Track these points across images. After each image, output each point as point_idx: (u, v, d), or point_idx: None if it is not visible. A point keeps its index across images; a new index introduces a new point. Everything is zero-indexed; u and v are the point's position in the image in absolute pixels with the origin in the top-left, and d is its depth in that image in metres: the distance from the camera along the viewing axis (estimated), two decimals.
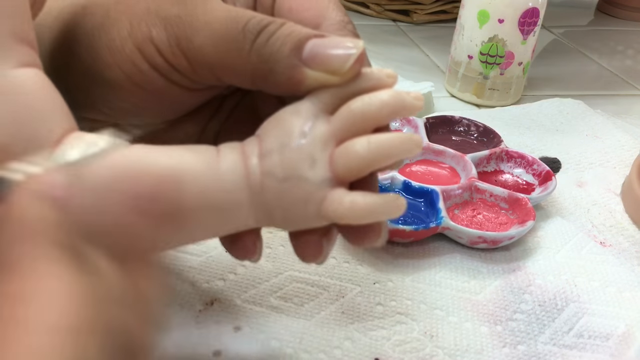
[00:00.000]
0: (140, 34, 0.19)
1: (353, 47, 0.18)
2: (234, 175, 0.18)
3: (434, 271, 0.31)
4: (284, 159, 0.18)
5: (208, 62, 0.19)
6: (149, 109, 0.21)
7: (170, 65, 0.19)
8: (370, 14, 0.66)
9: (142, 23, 0.19)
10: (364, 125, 0.18)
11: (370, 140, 0.18)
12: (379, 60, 0.55)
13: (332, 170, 0.18)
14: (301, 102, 0.19)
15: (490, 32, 0.46)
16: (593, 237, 0.34)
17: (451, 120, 0.41)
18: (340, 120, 0.18)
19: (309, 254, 0.19)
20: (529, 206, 0.33)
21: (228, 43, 0.18)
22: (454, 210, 0.34)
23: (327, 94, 0.18)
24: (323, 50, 0.18)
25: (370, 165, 0.18)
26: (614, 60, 0.62)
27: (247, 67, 0.19)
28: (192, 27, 0.19)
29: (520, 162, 0.38)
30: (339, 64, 0.18)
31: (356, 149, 0.18)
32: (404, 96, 0.18)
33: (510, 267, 0.31)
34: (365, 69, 0.19)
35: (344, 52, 0.18)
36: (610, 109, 0.50)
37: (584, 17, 0.75)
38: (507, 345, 0.27)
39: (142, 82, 0.20)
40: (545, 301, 0.29)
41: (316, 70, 0.18)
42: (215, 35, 0.19)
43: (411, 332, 0.27)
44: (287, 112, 0.19)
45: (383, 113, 0.18)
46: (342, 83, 0.18)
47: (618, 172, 0.40)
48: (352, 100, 0.18)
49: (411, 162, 0.38)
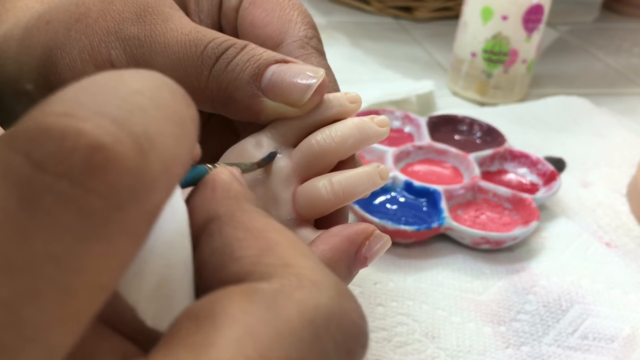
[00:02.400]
0: (100, 56, 0.19)
1: (313, 76, 0.18)
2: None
3: (436, 271, 0.30)
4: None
5: None
6: None
7: None
8: (371, 10, 0.66)
9: (102, 44, 0.19)
10: (327, 160, 0.18)
11: (332, 181, 0.17)
12: (379, 57, 0.55)
13: (295, 211, 0.17)
14: (263, 132, 0.18)
15: (494, 29, 0.46)
16: (598, 238, 0.34)
17: (454, 119, 0.41)
18: (302, 156, 0.18)
19: None
20: (533, 206, 0.33)
21: (187, 68, 0.18)
22: (456, 210, 0.34)
23: (290, 125, 0.18)
24: (282, 80, 0.18)
25: (335, 206, 0.18)
26: (619, 58, 0.61)
27: (206, 94, 0.18)
28: (151, 50, 0.18)
29: (524, 161, 0.37)
30: (297, 96, 0.17)
31: (319, 192, 0.17)
32: (368, 125, 0.18)
33: (514, 267, 0.31)
34: (327, 96, 0.18)
35: (303, 83, 0.17)
36: (616, 107, 0.50)
37: (589, 14, 0.74)
38: (510, 346, 0.26)
39: None
40: (549, 302, 0.29)
41: (275, 100, 0.18)
42: (173, 58, 0.18)
43: (413, 334, 0.26)
44: (248, 144, 0.18)
45: (346, 146, 0.18)
46: (302, 114, 0.18)
47: (624, 171, 0.40)
48: (313, 133, 0.18)
49: (413, 162, 0.37)
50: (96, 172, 0.08)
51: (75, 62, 0.19)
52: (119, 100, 0.09)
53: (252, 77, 0.18)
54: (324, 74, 0.18)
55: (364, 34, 0.60)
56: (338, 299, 0.11)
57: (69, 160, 0.08)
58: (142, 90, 0.10)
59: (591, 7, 0.76)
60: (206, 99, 0.18)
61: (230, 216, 0.12)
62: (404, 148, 0.37)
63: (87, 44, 0.19)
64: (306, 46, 0.20)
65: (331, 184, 0.17)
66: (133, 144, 0.09)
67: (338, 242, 0.16)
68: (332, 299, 0.11)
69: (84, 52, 0.19)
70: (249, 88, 0.18)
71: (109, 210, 0.09)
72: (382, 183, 0.18)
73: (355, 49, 0.56)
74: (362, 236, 0.17)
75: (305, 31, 0.20)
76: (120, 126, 0.09)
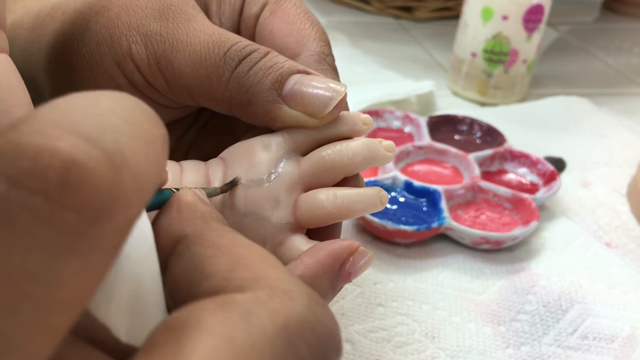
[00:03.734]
0: (120, 49, 0.19)
1: (335, 90, 0.18)
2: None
3: (436, 272, 0.30)
4: (248, 194, 0.18)
5: (186, 85, 0.19)
6: None
7: (148, 83, 0.19)
8: (371, 10, 0.66)
9: (123, 38, 0.19)
10: (334, 173, 0.18)
11: (337, 195, 0.18)
12: (379, 58, 0.55)
13: (294, 216, 0.18)
14: (274, 135, 0.18)
15: (494, 29, 0.46)
16: (598, 237, 0.34)
17: (454, 119, 0.41)
18: (310, 166, 0.18)
19: None
20: (533, 206, 0.33)
21: (208, 68, 0.18)
22: (456, 210, 0.33)
23: (302, 134, 0.18)
24: (305, 90, 0.18)
25: (335, 219, 0.18)
26: (620, 58, 0.61)
27: (224, 95, 0.18)
28: (173, 47, 0.18)
29: (524, 161, 0.37)
30: (318, 108, 0.18)
31: (322, 202, 0.18)
32: (377, 147, 0.18)
33: (514, 267, 0.31)
34: (342, 113, 0.19)
35: (325, 95, 0.18)
36: (616, 107, 0.50)
37: (590, 14, 0.74)
38: (510, 346, 0.26)
39: None
40: (549, 302, 0.29)
41: (294, 109, 0.18)
42: (195, 57, 0.18)
43: (412, 334, 0.26)
44: (258, 144, 0.18)
45: (354, 163, 0.18)
46: (319, 126, 0.18)
47: (624, 171, 0.40)
48: (325, 146, 0.18)
49: (413, 162, 0.37)
50: (71, 188, 0.09)
51: (92, 53, 0.19)
52: (92, 119, 0.09)
53: (274, 84, 0.18)
54: (345, 90, 0.18)
55: (364, 34, 0.60)
56: (310, 306, 0.11)
57: (43, 177, 0.08)
58: (115, 110, 0.10)
59: (591, 7, 0.76)
60: (224, 100, 0.19)
61: (198, 235, 0.12)
62: (404, 148, 0.37)
63: (107, 36, 0.19)
64: (322, 62, 0.20)
65: (335, 197, 0.18)
66: (106, 160, 0.09)
67: (323, 257, 0.16)
68: (305, 306, 0.11)
69: (102, 45, 0.19)
70: (269, 94, 0.18)
71: (84, 226, 0.09)
72: (380, 208, 0.18)
73: (355, 49, 0.56)
74: (347, 252, 0.17)
75: (323, 47, 0.20)
76: (94, 144, 0.09)
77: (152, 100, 0.20)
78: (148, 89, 0.19)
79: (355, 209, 0.18)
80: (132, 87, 0.19)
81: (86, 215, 0.09)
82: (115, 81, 0.19)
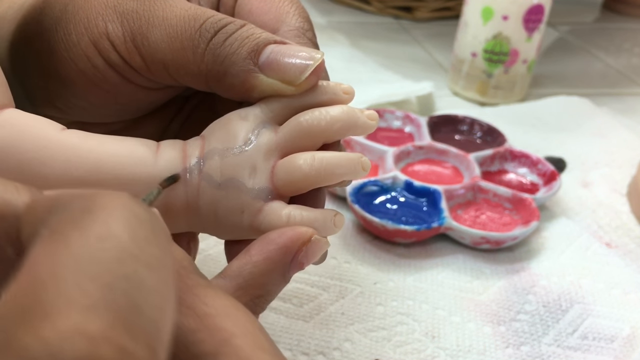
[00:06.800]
0: (97, 28, 0.19)
1: (311, 57, 0.18)
2: (168, 174, 0.17)
3: (436, 271, 0.30)
4: (224, 164, 0.17)
5: (162, 60, 0.19)
6: (105, 107, 0.21)
7: (125, 61, 0.19)
8: (371, 10, 0.66)
9: (99, 17, 0.19)
10: (312, 139, 0.18)
11: (315, 156, 0.17)
12: (379, 58, 0.55)
13: (272, 182, 0.17)
14: (251, 107, 0.18)
15: (495, 29, 0.46)
16: (598, 238, 0.34)
17: (454, 119, 0.41)
18: (288, 131, 0.18)
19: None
20: (533, 206, 0.33)
21: (183, 41, 0.18)
22: (456, 210, 0.33)
23: (279, 103, 0.18)
24: (280, 58, 0.18)
25: (313, 183, 0.17)
26: (620, 58, 0.61)
27: (201, 68, 0.18)
28: (149, 23, 0.18)
29: (524, 161, 0.37)
30: (295, 74, 0.18)
31: (299, 164, 0.17)
32: (357, 114, 0.18)
33: (514, 267, 0.31)
34: (321, 82, 0.18)
35: (301, 62, 0.18)
36: (617, 107, 0.50)
37: (590, 14, 0.74)
38: (510, 345, 0.26)
39: (96, 79, 0.19)
40: (549, 302, 0.29)
41: (271, 77, 0.18)
42: (170, 31, 0.18)
43: (412, 333, 0.26)
44: (235, 116, 0.18)
45: (333, 129, 0.18)
46: (296, 94, 0.18)
47: (624, 172, 0.40)
48: (303, 112, 0.18)
49: (414, 162, 0.37)
50: None
51: (69, 35, 0.19)
52: (113, 294, 0.08)
53: (250, 53, 0.18)
54: (322, 57, 0.18)
55: (364, 34, 0.60)
56: None
57: None
58: (129, 266, 0.09)
59: (591, 7, 0.76)
60: (201, 73, 0.18)
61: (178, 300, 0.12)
62: (404, 148, 0.37)
63: (84, 17, 0.19)
64: (302, 36, 0.20)
65: (313, 159, 0.17)
66: (150, 355, 0.08)
67: (273, 253, 0.16)
68: None
69: (79, 25, 0.19)
70: (245, 63, 0.18)
71: None
72: (363, 174, 0.18)
73: (355, 49, 0.56)
74: (299, 243, 0.16)
75: (302, 23, 0.20)
76: (136, 339, 0.08)
77: (130, 81, 0.20)
78: (125, 68, 0.19)
79: (334, 172, 0.17)
80: (109, 67, 0.19)
81: None
82: (92, 62, 0.19)
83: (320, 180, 0.17)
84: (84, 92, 0.20)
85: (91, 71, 0.19)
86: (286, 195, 0.18)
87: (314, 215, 0.17)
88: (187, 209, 0.17)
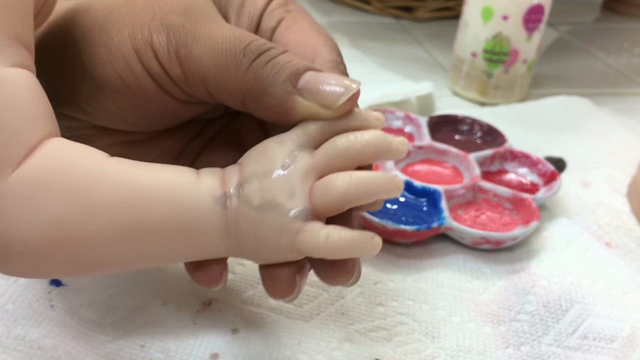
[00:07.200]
0: (142, 36, 0.19)
1: (348, 85, 0.19)
2: (210, 201, 0.17)
3: (436, 271, 0.30)
4: (263, 187, 0.18)
5: (202, 74, 0.19)
6: (133, 114, 0.21)
7: (164, 71, 0.19)
8: (371, 10, 0.66)
9: (145, 27, 0.19)
10: (347, 162, 0.18)
11: (352, 175, 0.18)
12: (379, 58, 0.55)
13: (310, 203, 0.18)
14: (287, 133, 0.19)
15: (495, 29, 0.46)
16: (598, 238, 0.34)
17: (454, 119, 0.41)
18: (324, 154, 0.18)
19: (279, 290, 0.19)
20: (533, 206, 0.33)
21: (227, 58, 0.19)
22: (456, 210, 0.34)
23: (314, 126, 0.19)
24: (319, 83, 0.19)
25: (350, 202, 0.18)
26: (620, 58, 0.61)
27: (241, 85, 0.19)
28: (194, 37, 0.19)
29: (524, 161, 0.37)
30: (332, 99, 0.18)
31: (336, 184, 0.18)
32: (390, 139, 0.18)
33: (514, 267, 0.31)
34: (355, 109, 0.19)
35: (339, 89, 0.18)
36: (617, 107, 0.50)
37: (590, 14, 0.74)
38: (510, 346, 0.26)
39: (133, 85, 0.20)
40: (549, 302, 0.29)
41: (309, 100, 0.18)
42: (215, 48, 0.19)
43: (412, 333, 0.26)
44: (272, 141, 0.19)
45: (367, 152, 0.18)
46: (332, 118, 0.19)
47: (624, 172, 0.40)
48: (338, 136, 0.18)
49: (414, 162, 0.37)
50: None
51: (112, 39, 0.20)
52: None
53: (290, 76, 0.19)
54: (359, 86, 0.19)
55: (364, 34, 0.60)
56: None
57: None
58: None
59: (592, 7, 0.76)
60: (240, 90, 0.19)
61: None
62: None
63: (129, 24, 0.19)
64: (335, 68, 0.21)
65: (350, 178, 0.18)
66: None
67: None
68: None
69: (123, 31, 0.19)
70: (285, 85, 0.19)
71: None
72: (397, 193, 0.18)
73: (355, 49, 0.56)
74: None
75: (335, 56, 0.21)
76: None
77: (165, 91, 0.20)
78: (163, 77, 0.20)
79: (370, 191, 0.18)
80: (147, 74, 0.20)
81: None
82: (130, 67, 0.19)
83: (357, 199, 0.18)
84: (116, 96, 0.20)
85: (129, 76, 0.20)
86: (324, 215, 0.18)
87: (351, 236, 0.18)
88: (226, 233, 0.18)
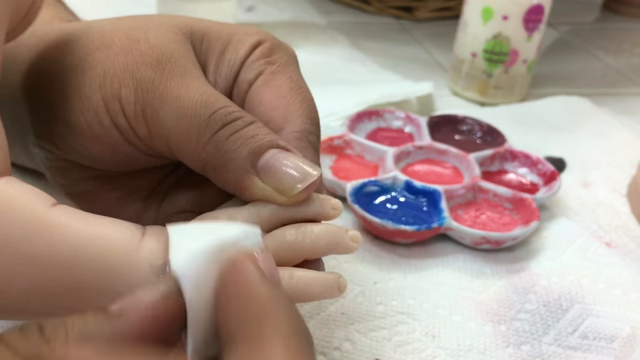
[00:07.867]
0: (111, 89, 0.19)
1: (307, 173, 0.18)
2: (147, 269, 0.17)
3: (436, 271, 0.30)
4: None
5: (166, 137, 0.19)
6: (103, 159, 0.21)
7: (130, 127, 0.19)
8: (371, 10, 0.66)
9: (115, 79, 0.19)
10: (294, 254, 0.18)
11: (293, 275, 0.18)
12: (379, 58, 0.55)
13: None
14: (240, 209, 0.18)
15: (495, 29, 0.46)
16: (599, 238, 0.34)
17: (454, 119, 0.41)
18: (271, 243, 0.18)
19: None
20: (533, 206, 0.33)
21: (190, 126, 0.18)
22: (457, 210, 0.34)
23: (268, 210, 0.18)
24: (278, 167, 0.18)
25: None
26: (620, 58, 0.61)
27: (201, 155, 0.18)
28: (162, 97, 0.19)
29: (524, 161, 0.37)
30: (288, 186, 0.18)
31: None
32: (342, 235, 0.18)
33: (514, 267, 0.31)
34: (313, 194, 0.19)
35: (297, 176, 0.18)
36: (617, 107, 0.50)
37: (590, 14, 0.74)
38: (510, 345, 0.26)
39: (100, 135, 0.20)
40: (549, 302, 0.29)
41: (266, 183, 0.18)
42: (180, 112, 0.18)
43: (413, 333, 0.26)
44: (223, 214, 0.18)
45: (316, 247, 0.18)
46: (286, 204, 0.18)
47: (624, 172, 0.40)
48: (289, 226, 0.18)
49: (414, 162, 0.37)
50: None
51: (83, 86, 0.19)
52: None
53: (251, 154, 0.18)
54: (319, 174, 0.18)
55: (364, 34, 0.60)
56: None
57: None
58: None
59: (592, 7, 0.76)
60: (200, 160, 0.19)
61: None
62: (404, 148, 0.37)
63: (101, 72, 0.19)
64: (304, 139, 0.20)
65: (291, 277, 0.18)
66: None
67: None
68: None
69: (94, 80, 0.19)
70: (243, 163, 0.18)
71: None
72: (338, 294, 0.18)
73: (355, 49, 0.56)
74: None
75: (307, 125, 0.20)
76: None
77: (131, 144, 0.20)
78: (129, 132, 0.19)
79: (310, 291, 0.18)
80: (114, 127, 0.19)
81: None
82: (99, 117, 0.19)
83: (296, 299, 0.18)
84: (85, 141, 0.20)
85: (97, 126, 0.19)
86: None
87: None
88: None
